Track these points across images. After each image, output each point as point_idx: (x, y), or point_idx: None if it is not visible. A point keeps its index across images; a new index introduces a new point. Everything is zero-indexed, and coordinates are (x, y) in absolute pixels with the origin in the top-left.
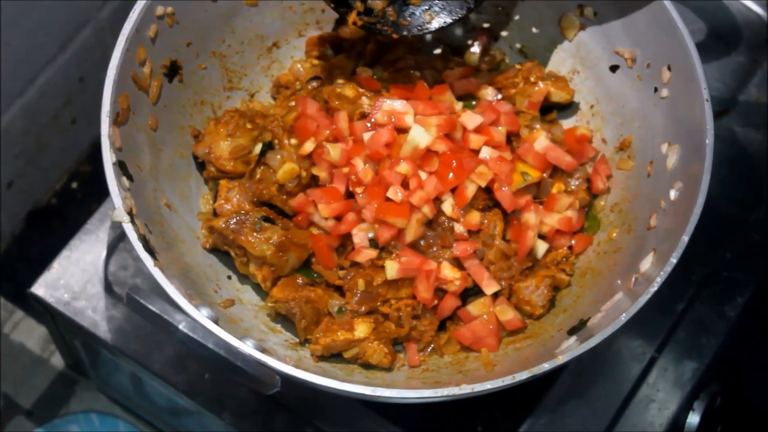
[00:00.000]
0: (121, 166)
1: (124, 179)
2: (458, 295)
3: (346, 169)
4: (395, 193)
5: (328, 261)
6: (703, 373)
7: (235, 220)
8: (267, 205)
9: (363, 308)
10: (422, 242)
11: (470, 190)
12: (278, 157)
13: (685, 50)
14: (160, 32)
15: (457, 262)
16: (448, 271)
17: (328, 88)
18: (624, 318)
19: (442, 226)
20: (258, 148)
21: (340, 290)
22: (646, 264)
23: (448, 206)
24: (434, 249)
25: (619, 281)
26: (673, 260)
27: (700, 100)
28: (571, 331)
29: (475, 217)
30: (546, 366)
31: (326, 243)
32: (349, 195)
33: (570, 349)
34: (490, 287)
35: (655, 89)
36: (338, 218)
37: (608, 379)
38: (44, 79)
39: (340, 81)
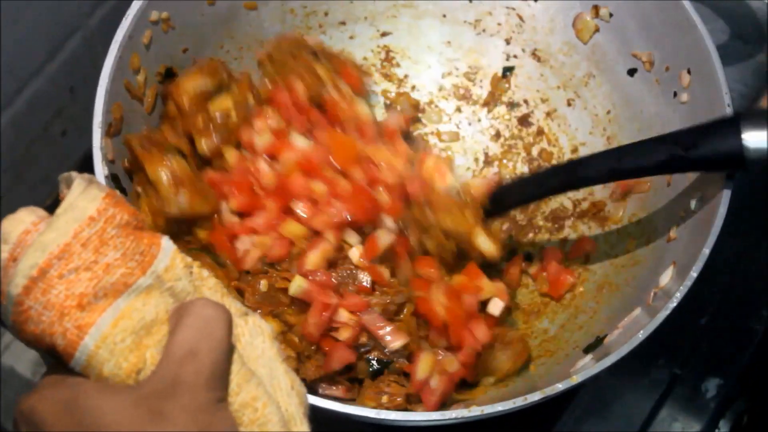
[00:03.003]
0: (114, 179)
1: (118, 193)
2: (353, 349)
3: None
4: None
5: (231, 254)
6: (728, 390)
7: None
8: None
9: (260, 310)
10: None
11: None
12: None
13: (704, 52)
14: (155, 38)
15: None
16: (344, 315)
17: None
18: (642, 335)
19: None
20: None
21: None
22: (666, 278)
23: (355, 253)
24: (350, 288)
25: (637, 296)
26: (694, 274)
27: (722, 105)
28: (587, 349)
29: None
30: (560, 386)
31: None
32: None
33: (585, 368)
34: (394, 342)
35: (675, 93)
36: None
37: (628, 397)
38: (32, 90)
39: None
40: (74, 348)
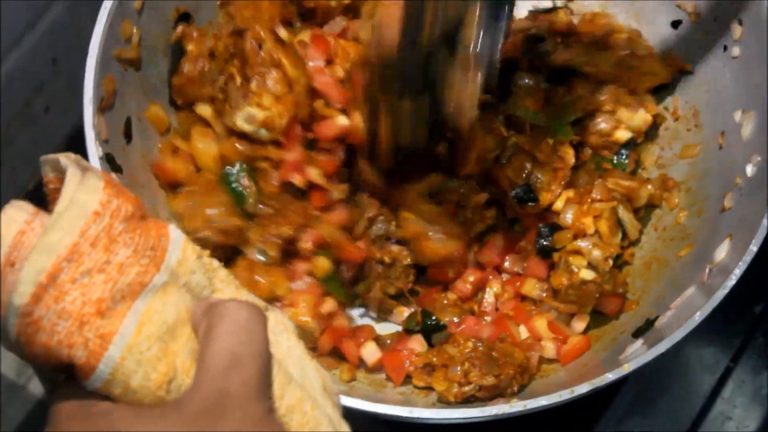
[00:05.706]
0: (109, 160)
1: (113, 175)
2: None
3: None
4: None
5: None
6: None
7: None
8: None
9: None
10: None
11: None
12: None
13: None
14: (148, 2)
15: None
16: None
17: None
18: (699, 317)
19: None
20: None
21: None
22: (722, 252)
23: None
24: None
25: (690, 273)
26: (753, 248)
27: None
28: (637, 333)
29: None
30: (610, 376)
31: None
32: None
33: (636, 354)
34: None
35: (725, 47)
36: None
37: (677, 393)
38: (11, 63)
39: None
40: (97, 360)
